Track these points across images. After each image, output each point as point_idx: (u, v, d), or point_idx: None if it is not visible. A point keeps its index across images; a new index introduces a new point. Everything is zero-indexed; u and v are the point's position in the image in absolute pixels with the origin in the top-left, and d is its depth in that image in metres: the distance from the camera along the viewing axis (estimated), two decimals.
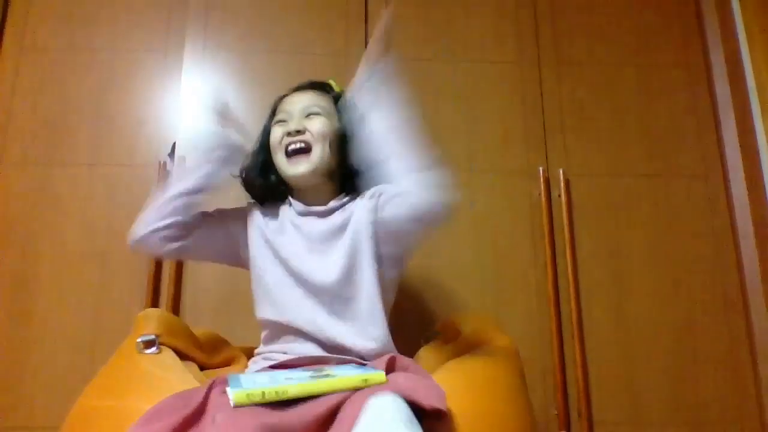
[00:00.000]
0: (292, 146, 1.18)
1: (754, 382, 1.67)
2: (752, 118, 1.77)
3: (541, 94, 1.87)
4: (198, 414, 0.80)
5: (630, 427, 1.63)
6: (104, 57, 1.81)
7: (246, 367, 1.20)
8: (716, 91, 1.89)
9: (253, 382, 0.83)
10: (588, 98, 1.88)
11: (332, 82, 1.31)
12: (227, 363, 1.23)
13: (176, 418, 0.79)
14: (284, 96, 1.27)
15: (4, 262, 1.63)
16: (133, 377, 1.00)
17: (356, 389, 0.83)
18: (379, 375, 0.84)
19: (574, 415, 1.62)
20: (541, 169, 1.78)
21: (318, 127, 1.18)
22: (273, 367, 1.07)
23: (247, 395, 0.79)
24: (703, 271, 1.76)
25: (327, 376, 0.86)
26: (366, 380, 0.83)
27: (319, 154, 1.17)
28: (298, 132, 1.18)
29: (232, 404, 0.78)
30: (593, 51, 1.93)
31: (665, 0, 1.99)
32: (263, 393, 0.79)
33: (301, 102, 1.22)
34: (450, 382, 0.96)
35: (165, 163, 1.71)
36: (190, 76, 1.81)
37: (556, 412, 1.61)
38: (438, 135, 1.82)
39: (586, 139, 1.85)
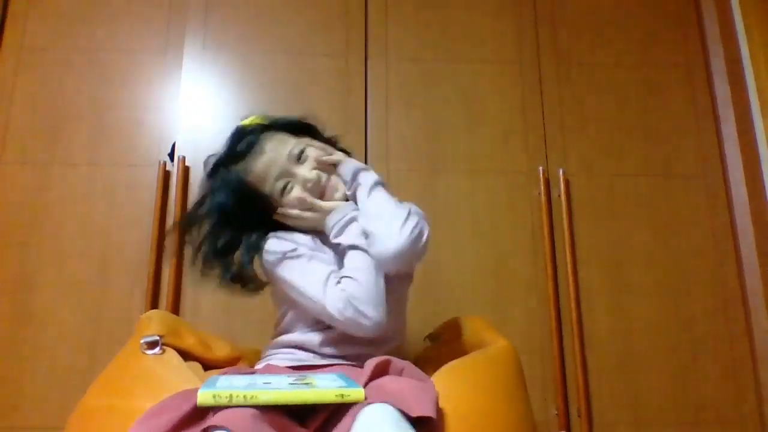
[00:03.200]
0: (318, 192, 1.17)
1: (754, 382, 1.67)
2: (752, 118, 1.77)
3: (541, 94, 1.87)
4: (198, 411, 0.80)
5: (630, 427, 1.63)
6: (104, 57, 1.81)
7: (251, 366, 1.20)
8: (716, 90, 1.89)
9: (229, 384, 0.83)
10: (588, 98, 1.88)
11: (252, 121, 1.22)
12: (232, 363, 1.23)
13: (177, 414, 0.79)
14: (248, 155, 1.15)
15: (4, 262, 1.63)
16: (136, 377, 1.00)
17: (330, 404, 0.81)
18: (357, 392, 0.81)
19: (574, 415, 1.62)
20: (541, 169, 1.78)
21: (321, 156, 1.18)
22: (294, 368, 1.08)
23: (213, 396, 0.77)
24: (703, 271, 1.76)
25: (307, 384, 0.84)
26: (342, 395, 0.80)
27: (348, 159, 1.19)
28: (317, 181, 1.16)
29: (197, 404, 0.78)
30: (593, 51, 1.93)
31: (665, 0, 1.99)
32: (231, 396, 0.77)
33: (282, 150, 1.16)
34: (450, 383, 0.96)
35: (165, 163, 1.71)
36: (190, 76, 1.81)
37: (556, 412, 1.61)
38: (438, 135, 1.82)
39: (586, 139, 1.85)
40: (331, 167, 1.18)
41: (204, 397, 0.78)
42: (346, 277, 1.06)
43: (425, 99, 1.85)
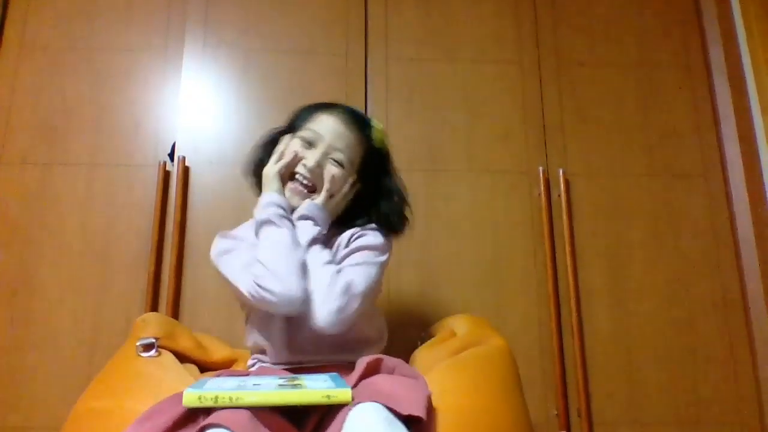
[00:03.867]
0: (299, 180, 1.18)
1: (754, 382, 1.67)
2: (752, 118, 1.77)
3: (541, 94, 1.87)
4: (194, 413, 0.80)
5: (630, 427, 1.63)
6: (104, 56, 1.81)
7: (246, 368, 1.20)
8: (716, 91, 1.89)
9: (217, 386, 0.82)
10: (588, 98, 1.88)
11: (374, 125, 1.29)
12: (228, 365, 1.23)
13: (172, 416, 0.80)
14: (320, 110, 1.24)
15: (4, 262, 1.63)
16: (131, 379, 1.00)
17: (317, 405, 0.82)
18: (344, 393, 0.81)
19: (574, 415, 1.62)
20: (541, 169, 1.78)
21: (333, 177, 1.18)
22: (289, 369, 1.08)
23: (199, 397, 0.78)
24: (703, 271, 1.76)
25: (295, 386, 0.85)
26: (328, 396, 0.81)
27: (321, 200, 1.17)
28: (311, 171, 1.18)
29: (182, 404, 0.78)
30: (593, 51, 1.93)
31: (665, 0, 1.99)
32: (216, 397, 0.78)
33: (334, 137, 1.19)
34: (444, 381, 0.97)
35: (165, 163, 1.71)
36: (190, 74, 1.81)
37: (556, 412, 1.61)
38: (438, 135, 1.82)
39: (586, 139, 1.85)
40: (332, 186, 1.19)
41: (189, 398, 0.78)
42: (256, 260, 1.07)
43: (425, 98, 1.85)
